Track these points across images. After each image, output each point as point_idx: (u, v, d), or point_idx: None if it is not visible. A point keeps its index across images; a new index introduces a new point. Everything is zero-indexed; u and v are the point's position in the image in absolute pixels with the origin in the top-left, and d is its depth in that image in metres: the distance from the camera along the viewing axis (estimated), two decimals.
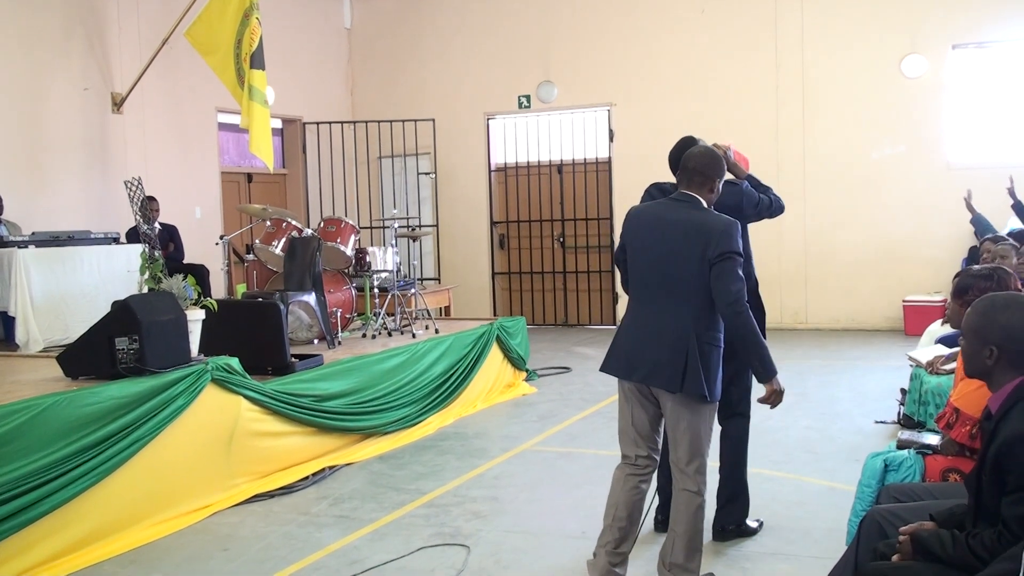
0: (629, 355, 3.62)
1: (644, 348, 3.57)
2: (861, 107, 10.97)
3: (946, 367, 5.10)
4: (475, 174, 12.82)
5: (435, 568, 4.10)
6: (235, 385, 5.21)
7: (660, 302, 3.55)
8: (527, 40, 12.41)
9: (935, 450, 3.57)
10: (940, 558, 2.49)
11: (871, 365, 8.80)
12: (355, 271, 8.16)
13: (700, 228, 3.48)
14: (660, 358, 3.50)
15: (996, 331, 2.55)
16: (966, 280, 3.92)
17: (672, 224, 3.55)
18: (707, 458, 3.61)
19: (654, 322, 3.56)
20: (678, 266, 3.50)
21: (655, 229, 3.60)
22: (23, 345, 6.80)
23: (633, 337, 3.63)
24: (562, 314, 12.73)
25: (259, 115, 8.41)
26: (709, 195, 3.60)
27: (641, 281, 3.65)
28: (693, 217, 3.53)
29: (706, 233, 3.46)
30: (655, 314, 3.56)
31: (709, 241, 3.44)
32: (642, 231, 3.65)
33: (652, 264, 3.58)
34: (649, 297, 3.60)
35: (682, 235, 3.51)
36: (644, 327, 3.59)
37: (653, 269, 3.57)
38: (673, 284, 3.52)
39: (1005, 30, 10.48)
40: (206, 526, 4.80)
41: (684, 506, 3.57)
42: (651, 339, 3.55)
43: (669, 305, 3.52)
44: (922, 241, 10.80)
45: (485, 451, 6.18)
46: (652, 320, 3.57)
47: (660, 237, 3.56)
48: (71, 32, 9.17)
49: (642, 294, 3.64)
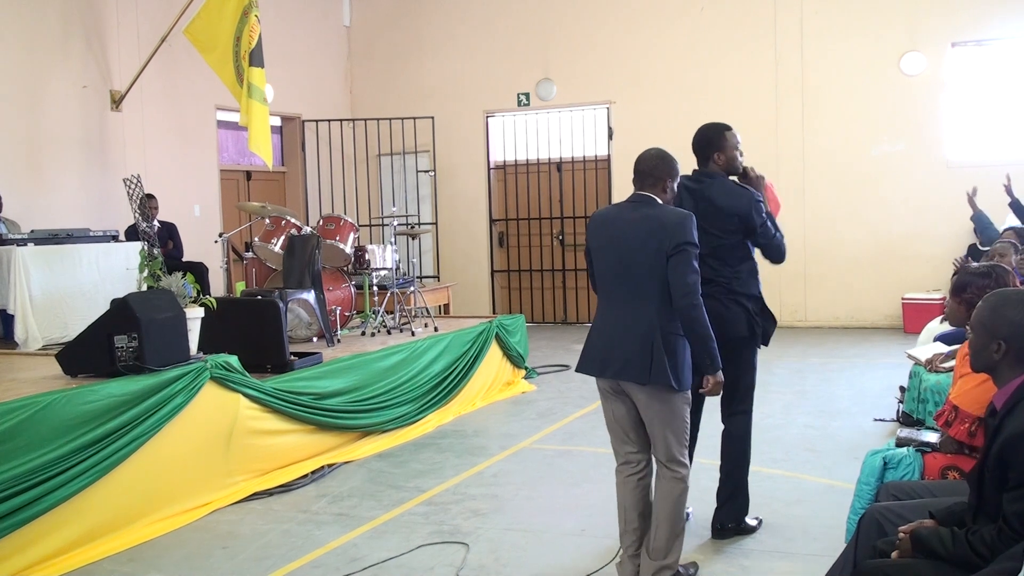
0: (601, 353, 3.72)
1: (613, 345, 3.67)
2: (860, 104, 10.97)
3: (945, 365, 5.10)
4: (474, 172, 12.82)
5: (434, 566, 4.10)
6: (234, 383, 5.21)
7: (625, 299, 3.67)
8: (526, 38, 12.40)
9: (934, 448, 3.57)
10: (940, 555, 2.49)
11: (870, 363, 8.81)
12: (354, 269, 8.15)
13: (656, 223, 3.61)
14: (628, 353, 3.60)
15: (1005, 326, 2.56)
16: (964, 278, 3.91)
17: (630, 223, 3.68)
18: (685, 446, 3.71)
19: (621, 319, 3.68)
20: (639, 263, 3.62)
21: (615, 230, 3.72)
22: (22, 343, 6.79)
23: (603, 335, 3.73)
24: (561, 312, 12.73)
25: (258, 113, 8.40)
26: (663, 194, 3.73)
27: (606, 280, 3.76)
28: (649, 214, 3.65)
29: (662, 227, 3.58)
30: (621, 311, 3.68)
31: (665, 235, 3.56)
32: (603, 233, 3.77)
33: (615, 264, 3.70)
34: (615, 295, 3.72)
35: (640, 233, 3.63)
36: (612, 325, 3.71)
37: (616, 268, 3.70)
38: (635, 281, 3.64)
39: (1004, 28, 10.48)
40: (205, 524, 4.80)
41: (668, 492, 3.69)
42: (619, 336, 3.66)
43: (633, 301, 3.64)
44: (921, 239, 10.80)
45: (484, 449, 6.18)
46: (619, 317, 3.69)
47: (620, 237, 3.69)
48: (70, 30, 9.16)
49: (609, 293, 3.76)
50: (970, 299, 3.67)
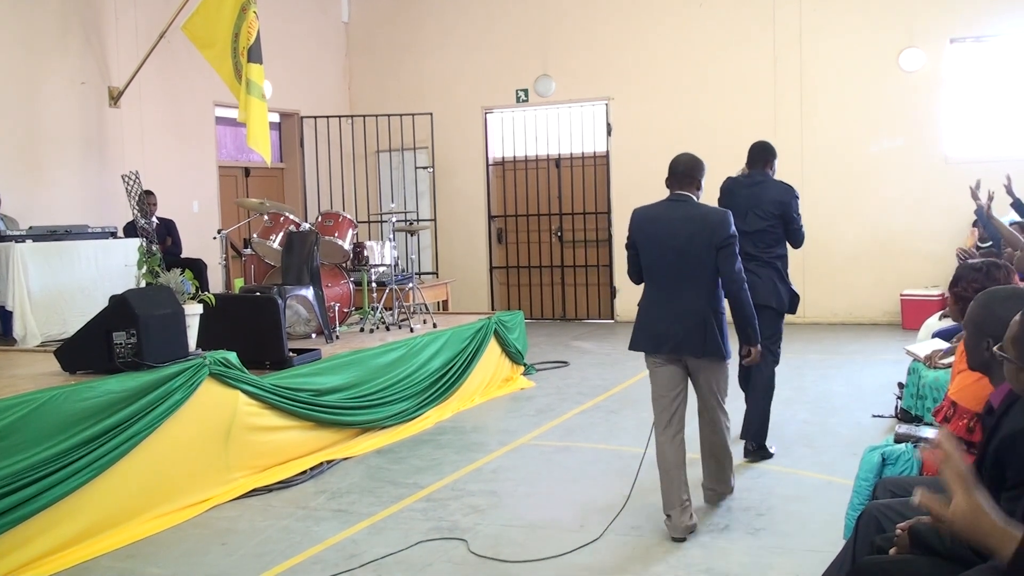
0: (656, 333, 4.36)
1: (669, 325, 4.32)
2: (859, 101, 10.97)
3: (944, 361, 5.10)
4: (473, 168, 12.81)
5: (433, 562, 4.11)
6: (233, 379, 5.21)
7: (677, 287, 4.32)
8: (525, 34, 12.39)
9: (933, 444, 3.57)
10: (938, 552, 2.49)
11: (869, 359, 8.81)
12: (353, 265, 8.15)
13: (702, 222, 4.28)
14: (685, 332, 4.28)
15: (994, 324, 2.54)
16: (959, 271, 3.93)
17: (676, 221, 4.32)
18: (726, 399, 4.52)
19: (673, 302, 4.32)
20: (691, 255, 4.26)
21: (663, 227, 4.35)
22: (21, 339, 6.79)
23: (656, 317, 4.37)
24: (560, 308, 12.73)
25: (257, 109, 8.39)
26: (697, 191, 4.41)
27: (656, 270, 4.38)
28: (692, 213, 4.32)
29: (708, 225, 4.27)
30: (674, 297, 4.33)
31: (712, 232, 4.25)
32: (650, 229, 4.39)
33: (664, 255, 4.32)
34: (666, 283, 4.36)
35: (688, 229, 4.27)
36: (665, 307, 4.35)
37: (667, 260, 4.32)
38: (687, 271, 4.28)
39: (1003, 24, 10.47)
40: (204, 520, 4.80)
41: (720, 436, 4.54)
42: (674, 318, 4.31)
43: (686, 288, 4.30)
44: (920, 235, 10.80)
45: (483, 445, 6.18)
46: (671, 301, 4.33)
47: (669, 233, 4.31)
48: (68, 26, 9.15)
49: (658, 281, 4.39)
50: (960, 293, 3.68)
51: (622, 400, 7.37)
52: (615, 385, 7.98)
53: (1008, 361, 2.33)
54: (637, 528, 4.44)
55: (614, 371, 8.63)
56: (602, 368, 8.84)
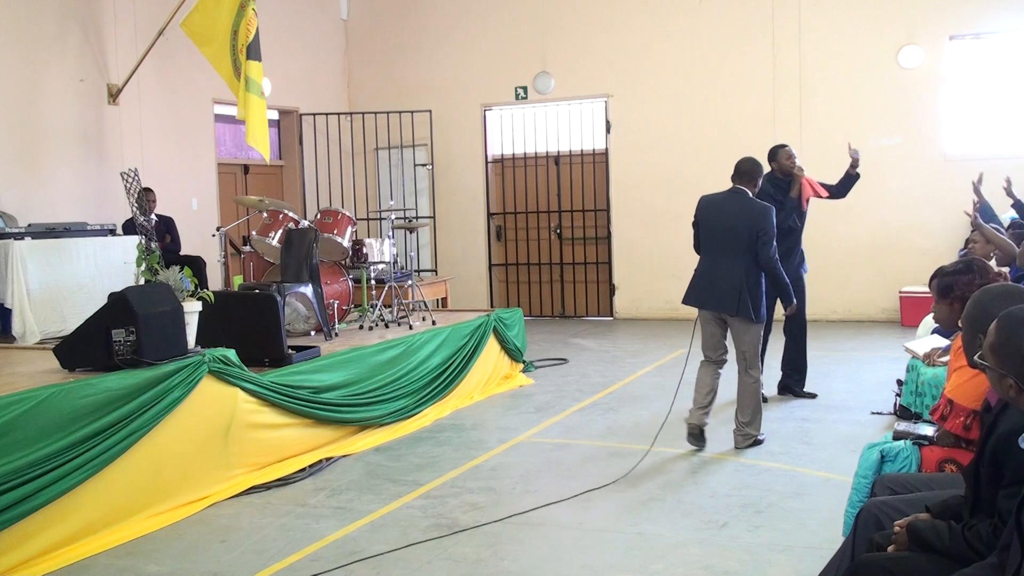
0: (704, 293, 5.62)
1: (714, 288, 5.57)
2: (858, 98, 10.96)
3: (943, 359, 5.10)
4: (472, 165, 12.81)
5: (432, 559, 4.11)
6: (232, 377, 5.21)
7: (724, 258, 5.54)
8: (524, 31, 12.38)
9: (931, 441, 3.57)
10: (936, 549, 2.49)
11: (867, 356, 8.82)
12: (352, 263, 8.15)
13: (750, 212, 5.54)
14: (724, 294, 5.51)
15: (989, 321, 2.54)
16: (946, 280, 3.74)
17: (732, 210, 5.58)
18: (758, 357, 5.69)
19: (719, 271, 5.55)
20: (737, 236, 5.51)
21: (721, 212, 5.62)
22: (20, 337, 6.79)
23: (706, 280, 5.62)
24: (559, 306, 12.73)
25: (255, 106, 8.38)
26: (754, 188, 5.65)
27: (711, 245, 5.63)
28: (744, 205, 5.57)
29: (753, 216, 5.52)
30: (720, 266, 5.55)
31: (755, 221, 5.50)
32: (711, 212, 5.66)
33: (717, 234, 5.59)
34: (716, 255, 5.59)
35: (739, 218, 5.54)
36: (713, 274, 5.58)
37: (718, 237, 5.59)
38: (733, 248, 5.52)
39: (1002, 21, 10.47)
40: (203, 517, 4.81)
41: (750, 388, 5.64)
42: (718, 281, 5.54)
43: (729, 261, 5.52)
44: (919, 232, 10.80)
45: (482, 442, 6.18)
46: (718, 270, 5.56)
47: (724, 217, 5.58)
48: (66, 23, 9.14)
49: (711, 253, 5.63)
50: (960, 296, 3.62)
51: (621, 397, 7.37)
52: (614, 382, 7.98)
53: (989, 369, 2.34)
54: (637, 525, 4.45)
55: (613, 368, 8.64)
56: (601, 365, 8.84)
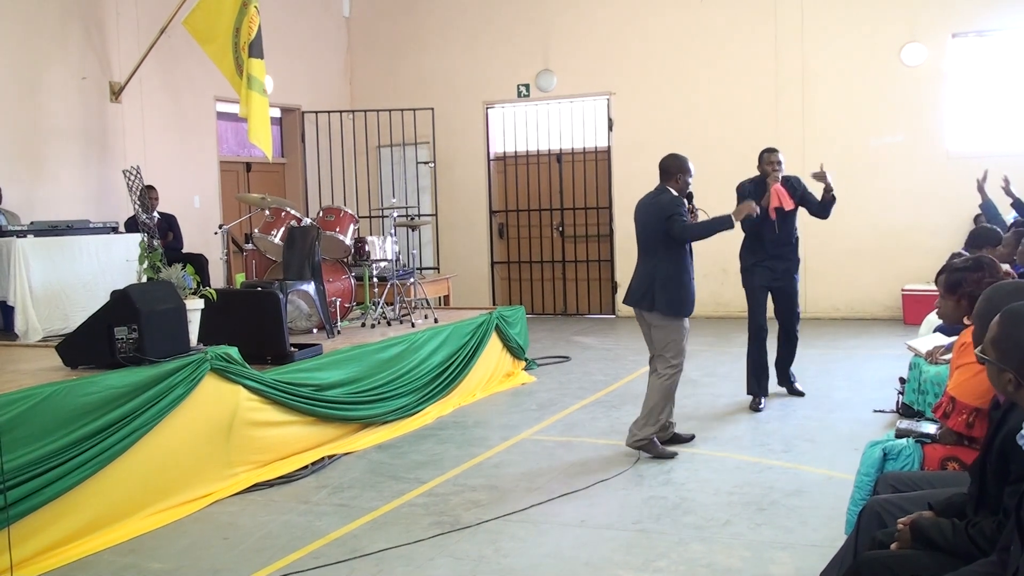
0: (628, 290, 5.66)
1: (632, 284, 5.63)
2: (861, 95, 10.95)
3: (945, 357, 5.08)
4: (474, 163, 12.80)
5: (434, 556, 4.11)
6: (234, 374, 5.22)
7: (641, 255, 5.63)
8: (526, 29, 12.37)
9: (934, 439, 3.57)
10: (940, 546, 2.49)
11: (870, 354, 8.81)
12: (354, 260, 8.15)
13: (657, 204, 5.51)
14: (634, 289, 5.58)
15: None
16: (954, 276, 3.73)
17: (644, 208, 5.63)
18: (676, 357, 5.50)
19: (637, 268, 5.63)
20: (648, 231, 5.55)
21: (639, 211, 5.65)
22: (22, 334, 6.80)
23: (633, 278, 5.64)
24: (561, 303, 12.73)
25: (258, 104, 8.38)
26: (675, 184, 5.55)
27: (638, 244, 5.68)
28: (653, 200, 5.56)
29: (660, 206, 5.48)
30: (639, 263, 5.64)
31: (661, 210, 5.46)
32: (636, 213, 5.68)
33: (638, 232, 5.66)
34: (639, 253, 5.66)
35: (648, 213, 5.55)
36: (635, 271, 5.65)
37: (638, 235, 5.66)
38: (646, 243, 5.58)
39: (1005, 19, 10.45)
40: (206, 515, 4.81)
41: (656, 387, 5.52)
42: (634, 278, 5.62)
43: (643, 257, 5.61)
44: (921, 230, 10.79)
45: (484, 440, 6.19)
46: (637, 267, 5.64)
47: (639, 215, 5.64)
48: (69, 21, 9.14)
49: (638, 251, 5.68)
50: (968, 293, 3.62)
51: (623, 395, 7.37)
52: (616, 380, 7.98)
53: (989, 363, 2.34)
54: (639, 523, 4.45)
55: (615, 366, 8.63)
56: (603, 363, 8.83)
